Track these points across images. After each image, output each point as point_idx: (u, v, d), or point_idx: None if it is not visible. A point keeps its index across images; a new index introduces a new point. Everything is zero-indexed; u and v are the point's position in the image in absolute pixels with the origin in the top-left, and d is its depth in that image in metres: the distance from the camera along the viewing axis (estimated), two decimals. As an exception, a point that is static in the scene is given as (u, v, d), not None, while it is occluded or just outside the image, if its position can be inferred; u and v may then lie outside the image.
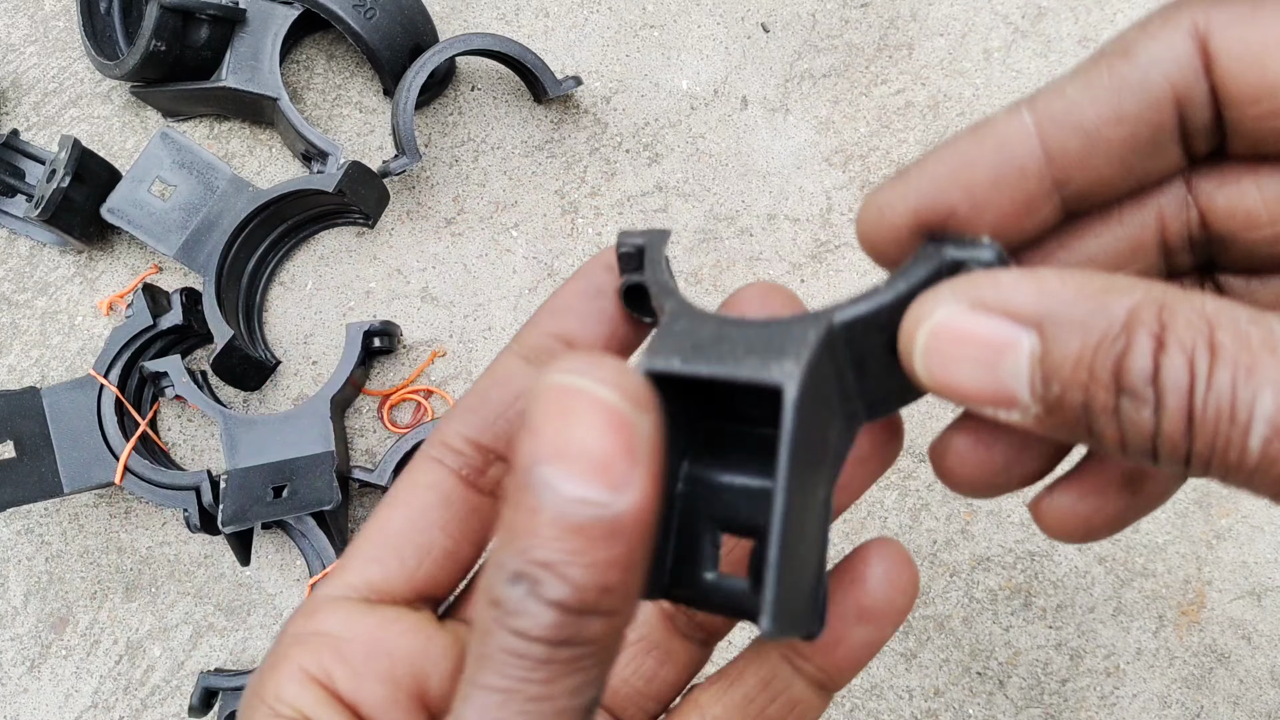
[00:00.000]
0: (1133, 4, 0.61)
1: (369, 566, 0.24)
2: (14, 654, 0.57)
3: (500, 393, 0.25)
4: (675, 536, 0.22)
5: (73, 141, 0.56)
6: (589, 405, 0.17)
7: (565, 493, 0.17)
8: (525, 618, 0.17)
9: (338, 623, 0.24)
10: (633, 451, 0.17)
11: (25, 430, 0.54)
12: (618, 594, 0.18)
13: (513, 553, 0.17)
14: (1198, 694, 0.53)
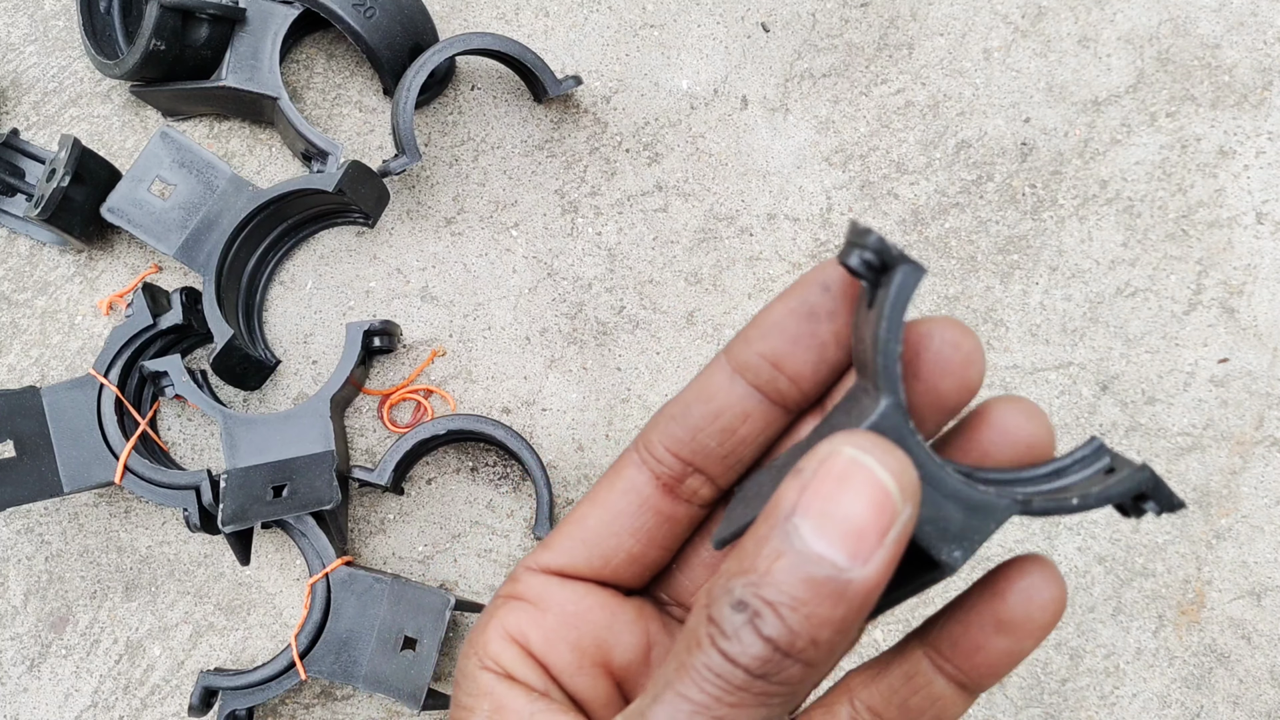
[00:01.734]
0: (1132, 4, 0.61)
1: (564, 555, 0.27)
2: (14, 653, 0.57)
3: (704, 408, 0.26)
4: None
5: (73, 141, 0.56)
6: (865, 480, 0.19)
7: (813, 547, 0.19)
8: (737, 644, 0.19)
9: (535, 590, 0.27)
10: (885, 533, 0.19)
11: (25, 429, 0.54)
12: (824, 649, 0.19)
13: (743, 583, 0.19)
14: (1197, 694, 0.53)
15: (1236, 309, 0.57)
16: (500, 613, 0.27)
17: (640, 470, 0.26)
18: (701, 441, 0.26)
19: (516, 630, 0.26)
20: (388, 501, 0.58)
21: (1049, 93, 0.60)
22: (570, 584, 0.27)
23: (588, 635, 0.26)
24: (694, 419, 0.26)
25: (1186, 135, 0.59)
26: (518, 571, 0.28)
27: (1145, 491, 0.21)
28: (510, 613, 0.27)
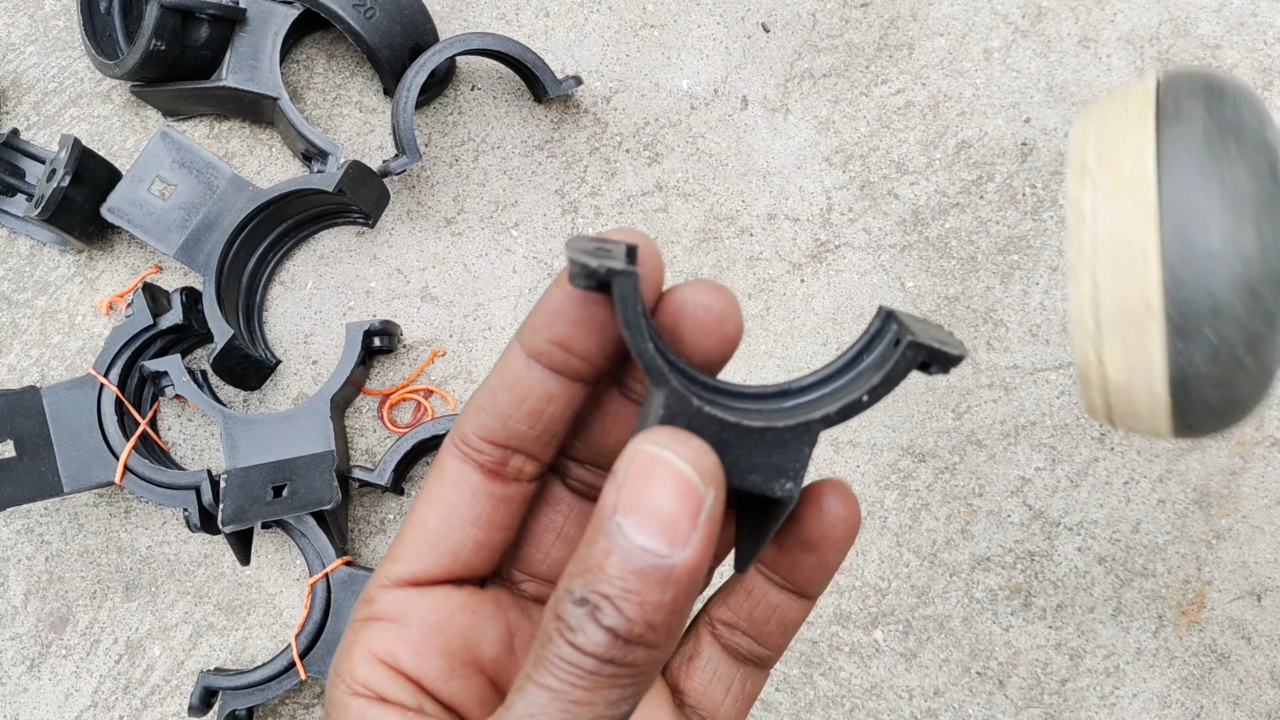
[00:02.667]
0: (1132, 4, 0.61)
1: (412, 563, 0.28)
2: (14, 653, 0.57)
3: (509, 395, 0.27)
4: None
5: (73, 141, 0.56)
6: (667, 473, 0.22)
7: (634, 540, 0.21)
8: (582, 635, 0.22)
9: (395, 608, 0.27)
10: (695, 517, 0.21)
11: (25, 429, 0.54)
12: (661, 632, 0.22)
13: (581, 581, 0.22)
14: (1197, 694, 0.53)
15: (1237, 309, 0.57)
16: (362, 636, 0.27)
17: (464, 463, 0.28)
18: (513, 426, 0.27)
19: (383, 650, 0.27)
20: (388, 501, 0.58)
21: (1049, 93, 0.60)
22: (427, 592, 0.28)
23: (455, 639, 0.27)
24: (501, 407, 0.27)
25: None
26: (371, 591, 0.28)
27: (925, 360, 0.23)
28: (373, 634, 0.27)
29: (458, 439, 0.28)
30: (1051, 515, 0.55)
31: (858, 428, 0.57)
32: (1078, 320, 0.24)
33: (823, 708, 0.54)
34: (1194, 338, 0.23)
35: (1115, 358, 0.24)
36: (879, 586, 0.55)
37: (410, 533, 0.28)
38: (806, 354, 0.58)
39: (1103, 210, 0.24)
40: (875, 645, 0.55)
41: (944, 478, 0.56)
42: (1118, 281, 0.23)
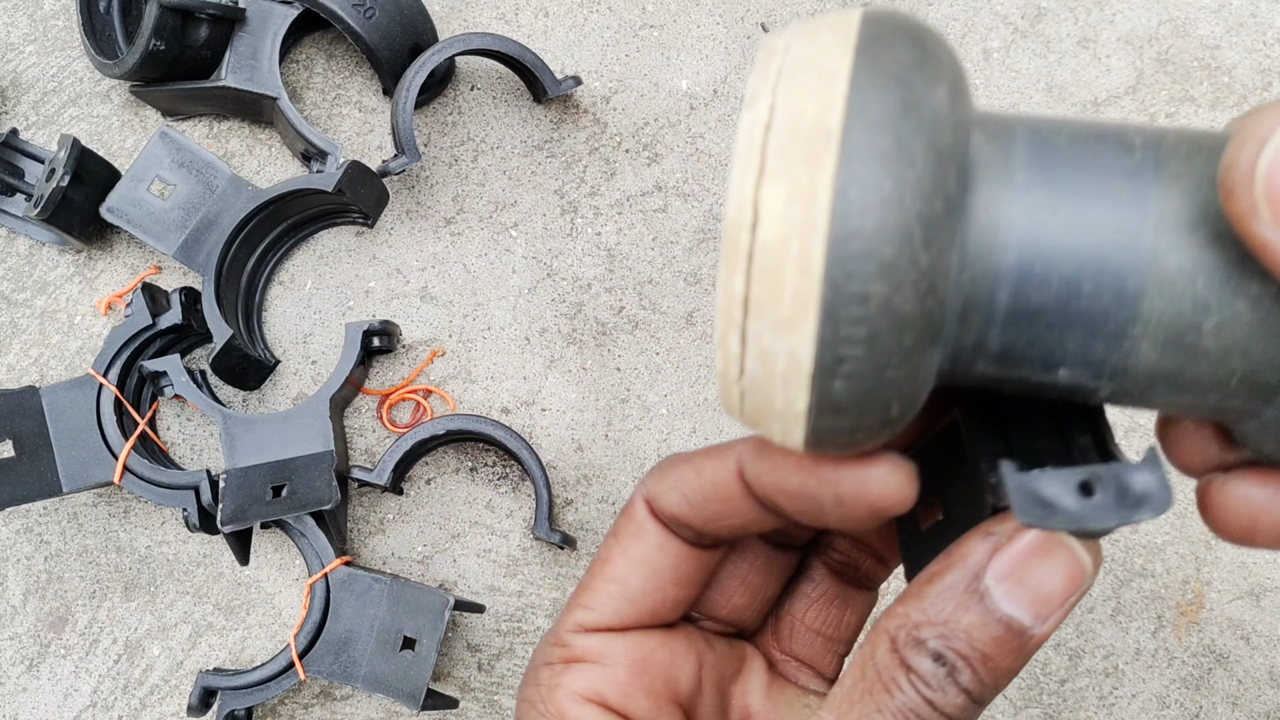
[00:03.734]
0: (1131, 4, 0.61)
1: (607, 614, 0.28)
2: (13, 653, 0.57)
3: (718, 507, 0.27)
4: None
5: (72, 141, 0.56)
6: (1067, 558, 0.21)
7: (1003, 608, 0.21)
8: (941, 694, 0.22)
9: (595, 651, 0.28)
10: (1068, 602, 0.22)
11: (24, 429, 0.54)
12: (994, 694, 0.22)
13: (935, 634, 0.22)
14: (1196, 694, 0.53)
15: (1236, 310, 0.57)
16: (564, 679, 0.27)
17: (662, 529, 0.28)
18: (711, 530, 0.27)
19: (590, 691, 0.27)
20: (387, 501, 0.58)
21: (1049, 93, 0.60)
22: (625, 635, 0.28)
23: (658, 677, 0.28)
24: (705, 509, 0.27)
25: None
26: (561, 636, 0.28)
27: None
28: (576, 676, 0.27)
29: (654, 504, 0.27)
30: (1051, 515, 0.55)
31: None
32: (742, 151, 0.19)
33: (822, 708, 0.54)
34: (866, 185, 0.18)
35: (775, 201, 0.19)
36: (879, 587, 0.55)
37: (607, 586, 0.28)
38: (806, 354, 0.58)
39: (792, 55, 0.19)
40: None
41: (943, 478, 0.56)
42: (797, 101, 0.19)
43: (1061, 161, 0.20)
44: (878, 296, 0.18)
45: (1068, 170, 0.20)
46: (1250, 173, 0.17)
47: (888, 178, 0.18)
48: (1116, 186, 0.20)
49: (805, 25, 0.20)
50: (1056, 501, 0.20)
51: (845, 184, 0.18)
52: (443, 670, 0.56)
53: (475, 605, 0.55)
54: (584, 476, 0.57)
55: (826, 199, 0.18)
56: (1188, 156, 0.20)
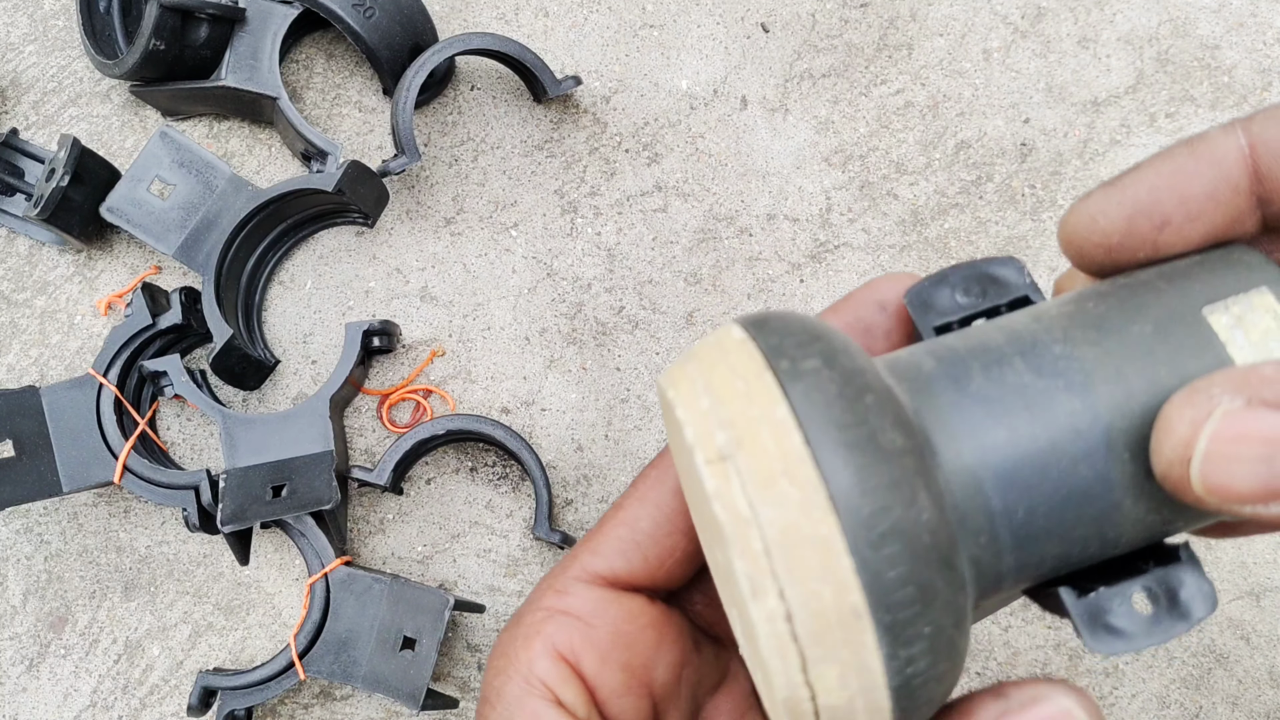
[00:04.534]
0: (1131, 4, 0.61)
1: (615, 559, 0.26)
2: (13, 653, 0.57)
3: None
4: None
5: (72, 140, 0.56)
6: None
7: None
8: None
9: (588, 607, 0.26)
10: None
11: (24, 429, 0.54)
12: None
13: None
14: (1196, 694, 0.53)
15: (1236, 310, 0.57)
16: (549, 627, 0.25)
17: None
18: None
19: (568, 649, 0.25)
20: (387, 501, 0.58)
21: (1049, 93, 0.60)
22: (624, 598, 0.26)
23: (639, 656, 0.26)
24: None
25: (1186, 136, 0.59)
26: (563, 581, 0.26)
27: None
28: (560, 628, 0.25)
29: None
30: (1051, 515, 0.55)
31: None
32: (771, 643, 0.19)
33: (822, 708, 0.54)
34: (910, 635, 0.19)
35: (829, 680, 0.19)
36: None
37: (617, 529, 0.27)
38: (806, 354, 0.58)
39: (764, 506, 0.19)
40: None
41: (943, 478, 0.56)
42: (810, 589, 0.19)
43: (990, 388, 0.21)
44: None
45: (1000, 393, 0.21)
46: (1185, 481, 0.19)
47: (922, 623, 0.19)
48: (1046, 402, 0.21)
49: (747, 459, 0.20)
50: (1121, 626, 0.21)
51: (890, 653, 0.19)
52: (443, 670, 0.56)
53: (475, 605, 0.55)
54: (584, 476, 0.57)
55: (878, 665, 0.19)
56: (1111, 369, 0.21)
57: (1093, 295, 0.23)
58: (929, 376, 0.21)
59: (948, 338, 0.23)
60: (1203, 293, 0.22)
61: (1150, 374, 0.21)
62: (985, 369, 0.21)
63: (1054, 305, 0.23)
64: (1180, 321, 0.21)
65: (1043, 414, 0.21)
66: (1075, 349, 0.21)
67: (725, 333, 0.21)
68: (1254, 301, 0.21)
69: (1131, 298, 0.22)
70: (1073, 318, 0.22)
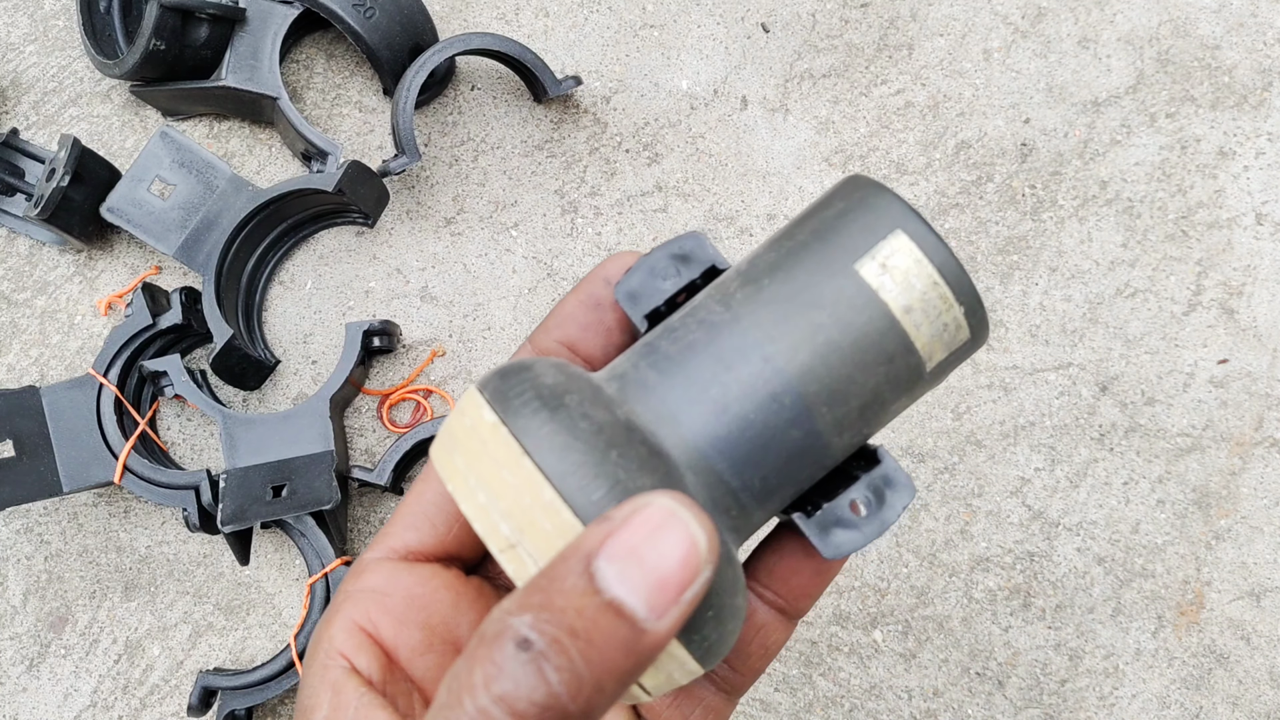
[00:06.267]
0: (1131, 4, 0.61)
1: (406, 533, 0.28)
2: (13, 653, 0.57)
3: None
4: None
5: (72, 140, 0.56)
6: (681, 534, 0.20)
7: (615, 590, 0.19)
8: (512, 684, 0.18)
9: (381, 580, 0.27)
10: (683, 590, 0.19)
11: (24, 429, 0.54)
12: (604, 700, 0.19)
13: (531, 620, 0.19)
14: (1197, 695, 0.53)
15: (1236, 310, 0.57)
16: (346, 606, 0.27)
17: None
18: None
19: (365, 619, 0.27)
20: (387, 501, 0.58)
21: (1049, 93, 0.60)
22: (416, 567, 0.28)
23: (436, 616, 0.27)
24: None
25: (1186, 136, 0.59)
26: (362, 563, 0.28)
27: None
28: (357, 604, 0.27)
29: None
30: (1051, 516, 0.55)
31: (857, 428, 0.57)
32: None
33: (822, 708, 0.54)
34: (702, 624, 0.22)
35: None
36: (878, 587, 0.55)
37: (406, 507, 0.28)
38: (806, 354, 0.58)
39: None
40: (875, 645, 0.55)
41: (943, 478, 0.56)
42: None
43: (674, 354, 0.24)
44: None
45: (682, 356, 0.24)
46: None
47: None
48: (720, 342, 0.24)
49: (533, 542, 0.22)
50: (846, 531, 0.25)
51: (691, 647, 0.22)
52: (443, 670, 0.56)
53: (475, 605, 0.55)
54: (584, 476, 0.57)
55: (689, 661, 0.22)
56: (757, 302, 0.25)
57: (761, 263, 0.25)
58: (640, 378, 0.24)
59: (650, 333, 0.25)
60: (850, 245, 0.24)
61: (824, 335, 0.24)
62: (678, 354, 0.24)
63: (730, 275, 0.26)
64: (838, 276, 0.24)
65: (741, 387, 0.24)
66: (751, 314, 0.24)
67: (478, 415, 0.23)
68: (894, 246, 0.24)
69: (794, 261, 0.25)
70: (746, 288, 0.25)
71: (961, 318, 0.24)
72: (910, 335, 0.24)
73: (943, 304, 0.24)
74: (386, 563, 0.28)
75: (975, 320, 0.25)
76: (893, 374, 0.24)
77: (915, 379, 0.25)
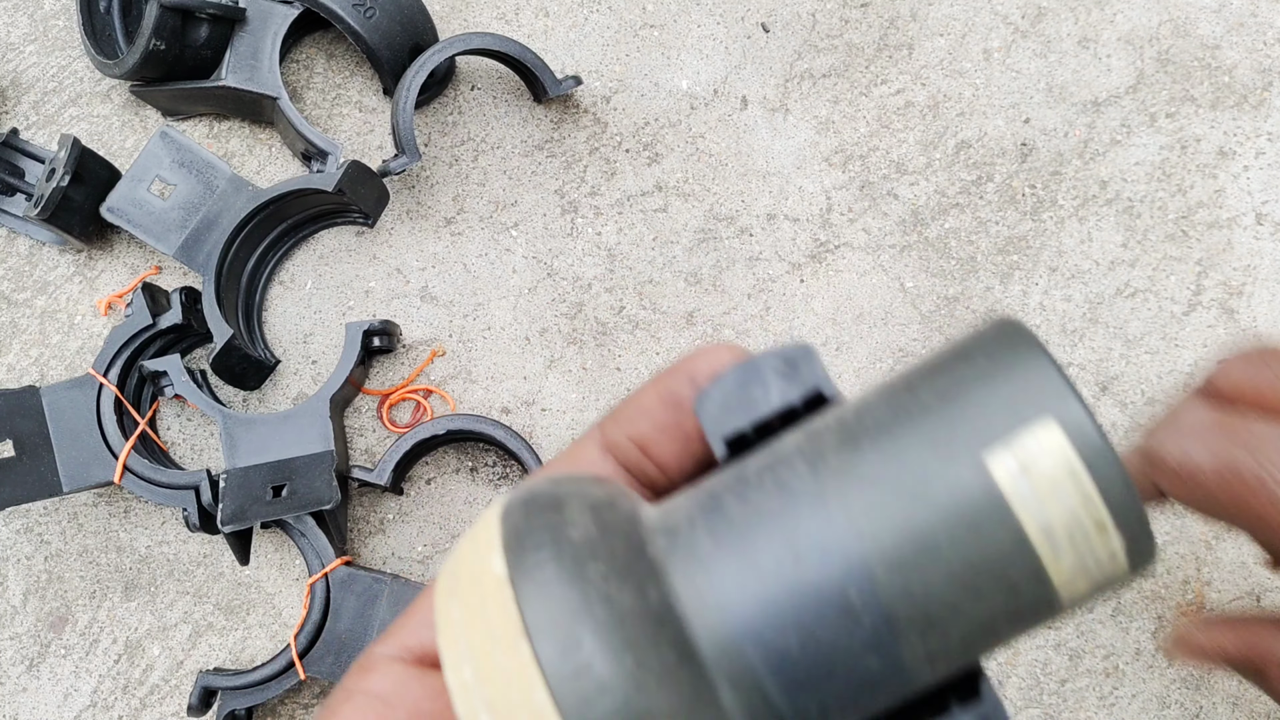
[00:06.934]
0: (1132, 4, 0.61)
1: (423, 630, 0.25)
2: (13, 653, 0.57)
3: None
4: None
5: (72, 140, 0.56)
6: None
7: None
8: None
9: (389, 686, 0.25)
10: None
11: (24, 429, 0.54)
12: None
13: None
14: (1197, 694, 0.53)
15: (1236, 310, 0.57)
16: (345, 709, 0.25)
17: None
18: None
19: None
20: (387, 501, 0.58)
21: (1049, 93, 0.60)
22: (428, 676, 0.25)
23: None
24: None
25: (1186, 136, 0.59)
26: (369, 657, 0.26)
27: None
28: (356, 709, 0.25)
29: None
30: (1051, 515, 0.55)
31: (857, 428, 0.57)
32: None
33: (822, 708, 0.54)
34: None
35: None
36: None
37: (428, 598, 0.26)
38: (806, 354, 0.58)
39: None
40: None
41: (943, 478, 0.56)
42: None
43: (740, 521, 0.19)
44: None
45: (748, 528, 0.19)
46: None
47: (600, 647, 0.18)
48: (798, 522, 0.19)
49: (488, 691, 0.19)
50: None
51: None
52: (443, 670, 0.56)
53: (475, 605, 0.55)
54: (584, 476, 0.57)
55: None
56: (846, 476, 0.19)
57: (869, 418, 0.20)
58: (693, 542, 0.20)
59: (723, 475, 0.21)
60: (984, 424, 0.19)
61: (929, 542, 0.18)
62: (744, 522, 0.19)
63: (831, 422, 0.20)
64: (960, 466, 0.18)
65: (810, 591, 0.18)
66: (841, 493, 0.19)
67: (486, 560, 0.19)
68: (1041, 442, 0.18)
69: (908, 429, 0.19)
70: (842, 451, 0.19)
71: (1119, 549, 0.18)
72: (1045, 564, 0.18)
73: (1096, 531, 0.18)
74: (398, 664, 0.25)
75: (1138, 551, 0.19)
76: (1013, 605, 0.19)
77: (1044, 612, 0.19)
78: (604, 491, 0.21)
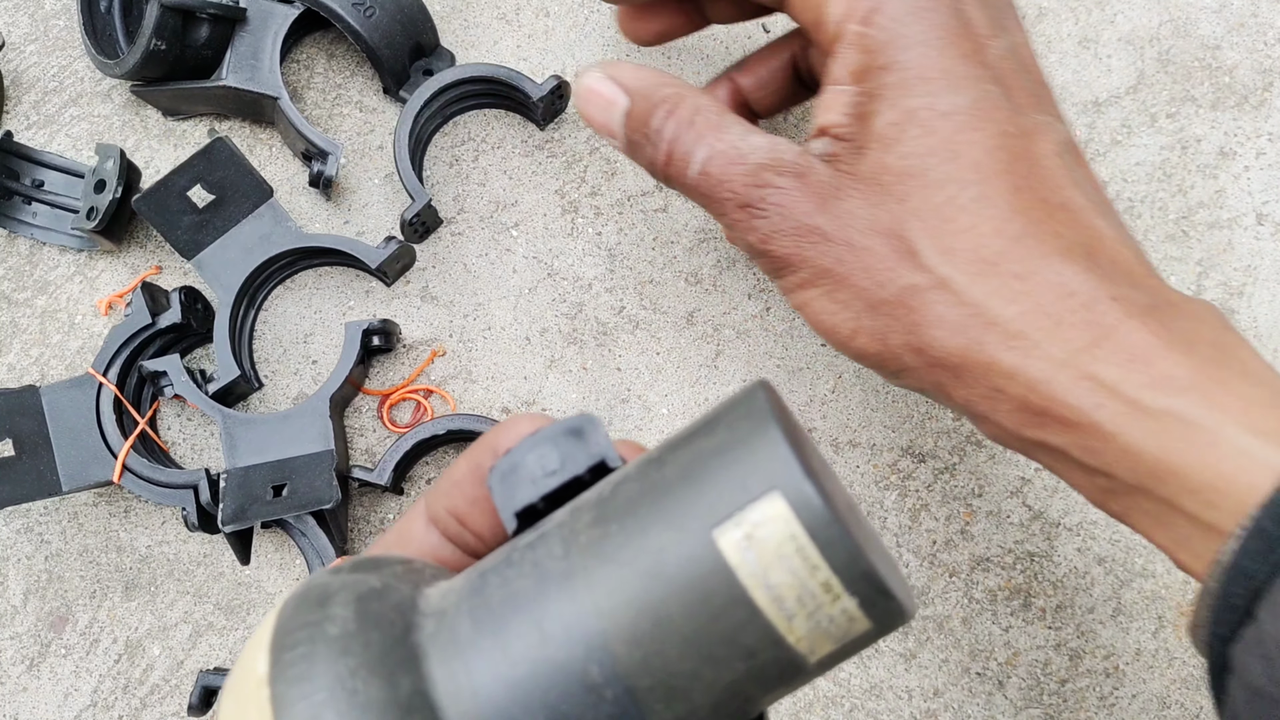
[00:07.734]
0: (1132, 4, 0.61)
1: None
2: (13, 653, 0.57)
3: (403, 554, 0.26)
4: None
5: (119, 152, 0.57)
6: None
7: None
8: None
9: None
10: None
11: (24, 428, 0.54)
12: None
13: None
14: (1197, 695, 0.53)
15: (1236, 310, 0.57)
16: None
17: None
18: None
19: None
20: (387, 501, 0.58)
21: (1049, 93, 0.60)
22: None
23: None
24: None
25: (1187, 136, 0.59)
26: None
27: None
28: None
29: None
30: (1051, 516, 0.55)
31: (857, 427, 0.57)
32: None
33: (822, 708, 0.54)
34: None
35: None
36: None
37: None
38: (806, 354, 0.58)
39: None
40: (875, 646, 0.55)
41: (944, 478, 0.56)
42: None
43: (496, 604, 0.20)
44: None
45: (504, 610, 0.20)
46: None
47: None
48: (546, 604, 0.20)
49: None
50: None
51: None
52: (443, 670, 0.56)
53: (475, 605, 0.55)
54: (584, 476, 0.57)
55: None
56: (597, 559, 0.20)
57: (621, 496, 0.21)
58: (454, 627, 0.20)
59: (493, 557, 0.21)
60: (715, 501, 0.19)
61: (664, 616, 0.19)
62: (499, 606, 0.20)
63: (591, 498, 0.21)
64: (691, 543, 0.19)
65: (556, 671, 0.19)
66: (587, 573, 0.20)
67: (253, 661, 0.20)
68: (765, 514, 0.19)
69: (651, 508, 0.20)
70: (593, 530, 0.20)
71: (855, 609, 0.19)
72: (778, 628, 0.19)
73: (825, 594, 0.19)
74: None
75: (877, 611, 0.19)
76: (755, 669, 0.19)
77: (791, 673, 0.20)
78: (381, 580, 0.21)
